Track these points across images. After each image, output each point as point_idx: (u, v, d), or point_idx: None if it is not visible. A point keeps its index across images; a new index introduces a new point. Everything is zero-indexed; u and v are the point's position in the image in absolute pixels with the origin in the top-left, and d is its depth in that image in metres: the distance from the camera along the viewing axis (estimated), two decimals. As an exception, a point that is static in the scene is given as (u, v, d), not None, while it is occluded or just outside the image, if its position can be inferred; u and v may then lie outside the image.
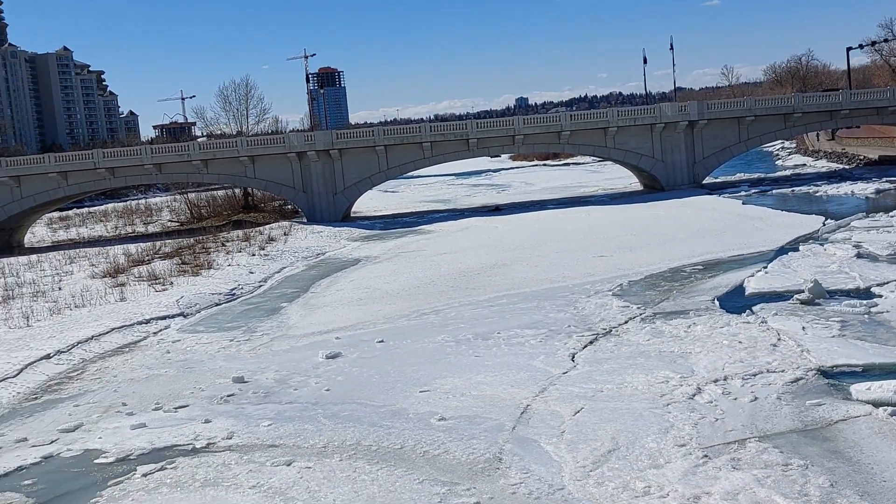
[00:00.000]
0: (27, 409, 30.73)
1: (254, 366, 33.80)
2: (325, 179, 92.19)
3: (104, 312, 46.43)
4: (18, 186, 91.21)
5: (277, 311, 46.00)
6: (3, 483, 23.44)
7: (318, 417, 26.43)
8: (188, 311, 46.99)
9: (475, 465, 21.69)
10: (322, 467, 22.28)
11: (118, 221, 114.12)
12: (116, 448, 25.19)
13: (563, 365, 29.99)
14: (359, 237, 78.26)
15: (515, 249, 59.60)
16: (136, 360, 36.89)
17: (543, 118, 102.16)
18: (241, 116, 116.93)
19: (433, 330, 37.26)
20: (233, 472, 22.52)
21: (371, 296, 47.50)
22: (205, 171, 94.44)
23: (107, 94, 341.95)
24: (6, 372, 34.86)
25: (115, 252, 70.00)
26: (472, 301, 42.95)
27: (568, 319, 36.86)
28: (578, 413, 24.77)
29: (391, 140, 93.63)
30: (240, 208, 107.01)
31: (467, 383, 28.61)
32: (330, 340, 37.15)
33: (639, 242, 57.40)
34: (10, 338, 41.46)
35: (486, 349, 33.09)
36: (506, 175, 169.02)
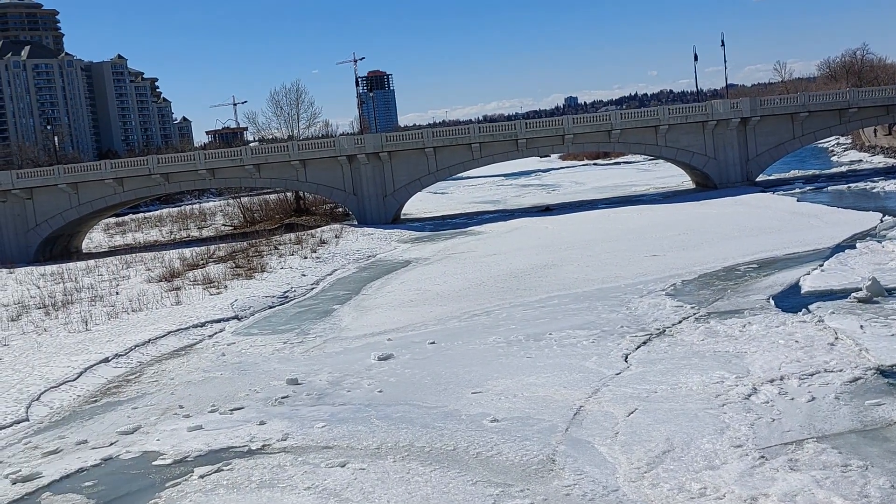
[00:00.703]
0: (87, 412, 31.34)
1: (307, 368, 34.09)
2: (374, 182, 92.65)
3: (160, 316, 47.18)
4: (76, 193, 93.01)
5: (330, 314, 46.35)
6: (64, 484, 23.92)
7: (371, 419, 26.57)
8: (242, 313, 47.56)
9: (528, 467, 21.64)
10: (376, 468, 22.40)
11: (173, 226, 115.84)
12: (174, 450, 25.57)
13: (616, 366, 29.78)
14: (409, 239, 78.52)
15: (566, 249, 59.33)
16: (192, 363, 37.42)
17: (593, 117, 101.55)
18: (293, 121, 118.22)
19: (484, 331, 37.25)
20: (288, 473, 22.73)
21: (422, 297, 47.63)
22: (257, 176, 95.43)
23: (160, 100, 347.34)
24: (66, 375, 35.60)
25: (171, 256, 71.08)
26: (524, 302, 42.85)
27: (620, 320, 36.60)
28: (632, 414, 24.59)
29: (440, 142, 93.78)
30: (292, 212, 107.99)
31: (519, 384, 28.55)
32: (382, 342, 37.33)
33: (691, 241, 56.79)
34: (70, 342, 42.32)
35: (537, 350, 32.99)
36: (556, 175, 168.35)
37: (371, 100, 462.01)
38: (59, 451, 26.80)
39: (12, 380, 35.30)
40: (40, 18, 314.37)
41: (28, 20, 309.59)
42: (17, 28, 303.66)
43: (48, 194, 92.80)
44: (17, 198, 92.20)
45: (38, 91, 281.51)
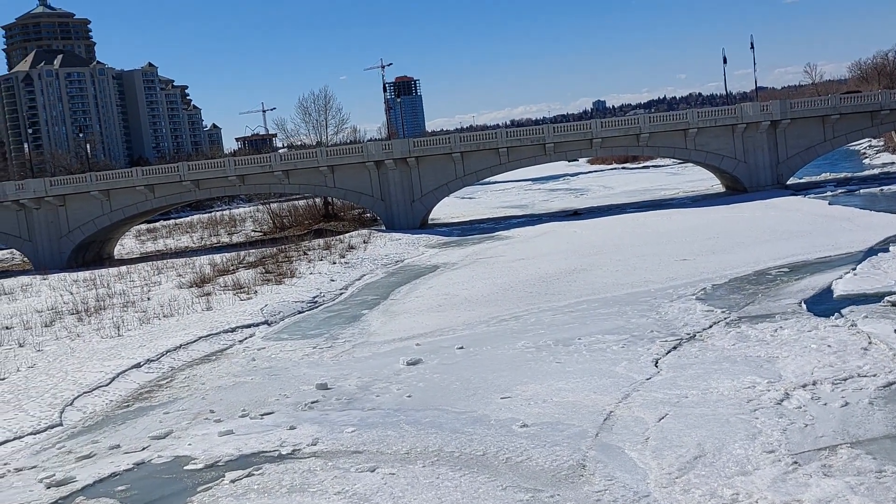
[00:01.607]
0: (119, 417, 31.64)
1: (336, 372, 34.20)
2: (402, 187, 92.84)
3: (191, 321, 47.54)
4: (108, 200, 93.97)
5: (358, 319, 46.49)
6: (97, 489, 24.16)
7: (400, 424, 26.62)
8: (272, 319, 47.81)
9: (558, 472, 21.58)
10: (405, 473, 22.43)
11: (203, 232, 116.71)
12: (205, 454, 25.74)
13: (647, 371, 29.64)
14: (437, 244, 78.59)
15: (595, 254, 59.12)
16: (223, 368, 37.67)
17: (621, 121, 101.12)
18: (321, 127, 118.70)
19: (513, 336, 37.20)
20: (318, 478, 22.82)
21: (450, 302, 47.65)
22: (286, 182, 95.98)
23: (191, 107, 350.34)
24: (99, 380, 35.95)
25: (201, 262, 71.63)
26: (552, 307, 42.74)
27: (650, 324, 36.42)
28: (663, 419, 24.45)
29: (467, 147, 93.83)
30: (320, 217, 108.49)
31: (549, 390, 28.48)
32: (410, 347, 37.40)
33: (722, 245, 56.41)
34: (103, 347, 42.74)
35: (567, 355, 32.90)
36: (584, 179, 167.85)
37: (398, 105, 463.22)
38: (92, 455, 27.07)
39: (46, 385, 35.70)
40: (72, 27, 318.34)
41: (60, 29, 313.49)
42: (49, 37, 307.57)
43: (81, 201, 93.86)
44: (51, 205, 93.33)
45: (70, 99, 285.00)
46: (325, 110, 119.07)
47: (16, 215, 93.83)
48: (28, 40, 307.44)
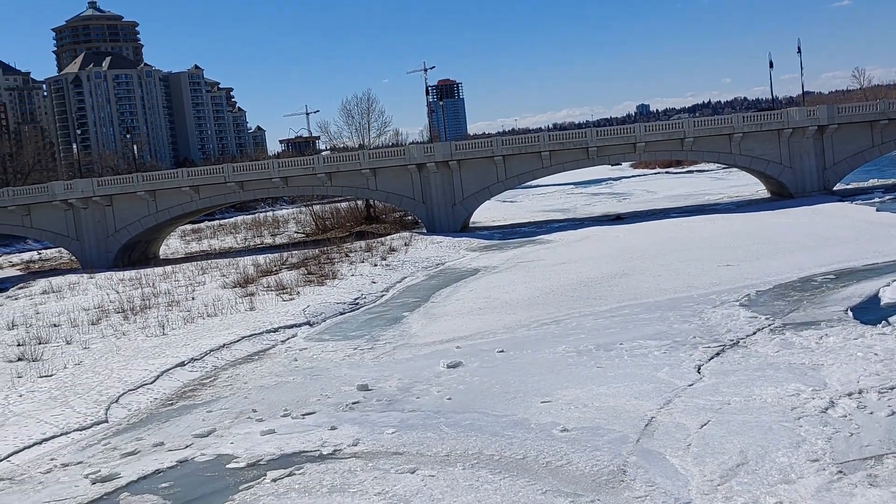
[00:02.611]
0: (164, 415, 32.05)
1: (377, 374, 34.36)
2: (444, 190, 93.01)
3: (234, 321, 48.02)
4: (154, 200, 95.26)
5: (399, 321, 46.65)
6: (141, 485, 24.48)
7: (440, 426, 26.67)
8: (314, 319, 48.15)
9: (599, 477, 21.49)
10: (445, 476, 22.46)
11: (247, 233, 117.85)
12: (247, 453, 25.98)
13: (689, 377, 29.41)
14: (478, 247, 78.59)
15: (638, 259, 58.77)
16: (265, 368, 38.01)
17: (665, 125, 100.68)
18: (363, 130, 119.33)
19: (554, 340, 37.10)
20: (358, 478, 22.94)
21: (490, 305, 47.64)
22: (329, 184, 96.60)
23: (235, 110, 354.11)
24: (144, 379, 36.46)
25: (245, 263, 72.31)
26: (594, 311, 42.57)
27: (693, 330, 36.13)
28: (705, 426, 24.24)
29: (509, 150, 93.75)
30: (362, 219, 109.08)
31: (589, 394, 28.37)
32: (451, 350, 37.45)
33: (766, 251, 55.79)
34: (148, 346, 43.32)
35: (608, 360, 32.74)
36: (627, 183, 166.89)
37: (441, 108, 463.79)
38: (136, 452, 27.44)
39: (92, 382, 36.27)
40: (121, 30, 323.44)
41: (109, 32, 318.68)
42: (98, 40, 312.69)
43: (127, 201, 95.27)
44: (98, 205, 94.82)
45: (118, 101, 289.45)
46: (368, 113, 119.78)
47: (64, 215, 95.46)
48: (77, 42, 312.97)
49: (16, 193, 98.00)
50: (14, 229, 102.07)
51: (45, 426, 30.49)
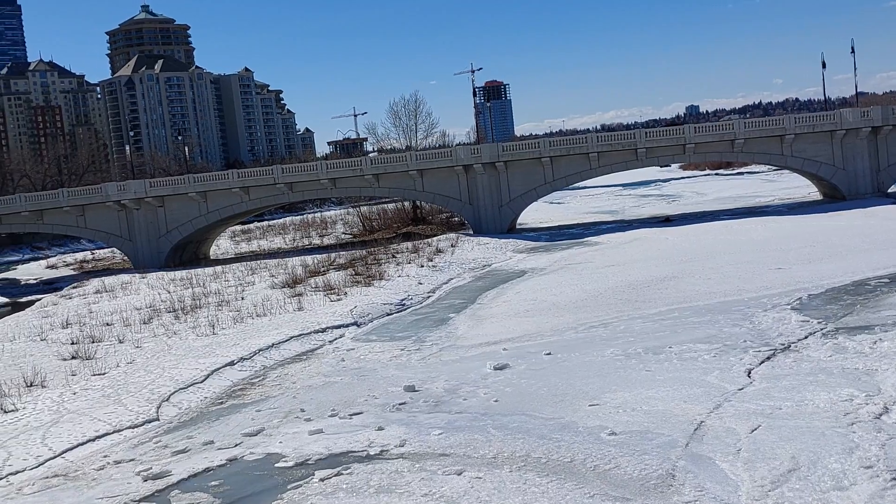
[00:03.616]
0: (213, 413, 32.43)
1: (424, 375, 34.43)
2: (490, 192, 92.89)
3: (283, 321, 48.44)
4: (205, 202, 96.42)
5: (446, 322, 46.70)
6: (192, 483, 24.79)
7: (487, 428, 26.64)
8: (361, 320, 48.40)
9: (647, 481, 21.32)
10: (492, 478, 22.44)
11: (295, 234, 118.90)
12: (296, 452, 26.19)
13: (739, 381, 29.05)
14: (525, 249, 78.38)
15: (687, 261, 58.17)
16: (313, 368, 38.28)
17: (715, 126, 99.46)
18: (410, 131, 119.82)
19: (602, 343, 36.88)
20: (405, 479, 23.00)
21: (538, 308, 47.48)
22: (376, 185, 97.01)
23: (285, 112, 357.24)
24: (194, 378, 36.93)
25: (293, 263, 72.89)
26: (642, 314, 42.23)
27: (743, 334, 35.69)
28: (755, 431, 23.94)
29: (557, 151, 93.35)
30: (409, 221, 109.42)
31: (638, 398, 28.16)
32: (497, 352, 37.40)
33: (818, 254, 54.90)
34: (198, 345, 43.87)
35: (657, 363, 32.47)
36: (676, 185, 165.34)
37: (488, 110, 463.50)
38: (187, 450, 27.79)
39: (144, 380, 36.83)
40: (173, 33, 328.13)
41: (161, 35, 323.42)
42: (151, 43, 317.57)
43: (179, 202, 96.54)
44: (150, 206, 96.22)
45: (169, 103, 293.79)
46: (415, 115, 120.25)
47: (117, 215, 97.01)
48: (130, 45, 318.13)
49: (71, 194, 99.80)
50: (69, 230, 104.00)
51: (99, 423, 31.02)
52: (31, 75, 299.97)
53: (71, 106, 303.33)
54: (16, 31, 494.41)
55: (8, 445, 28.99)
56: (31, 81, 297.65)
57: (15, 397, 35.04)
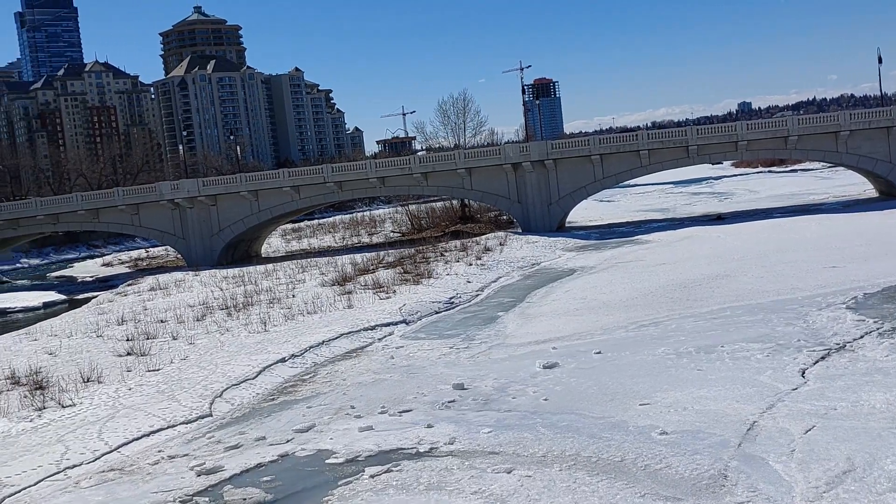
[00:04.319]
0: (265, 410, 32.79)
1: (473, 373, 34.46)
2: (539, 190, 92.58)
3: (333, 319, 48.79)
4: (256, 200, 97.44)
5: (494, 320, 46.67)
6: (244, 478, 25.10)
7: (536, 426, 26.61)
8: (410, 318, 48.57)
9: (699, 481, 21.13)
10: (542, 476, 22.40)
11: (345, 232, 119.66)
12: (346, 449, 26.39)
13: (793, 381, 28.66)
14: (574, 247, 78.01)
15: (739, 260, 57.46)
16: (363, 365, 38.52)
17: (768, 123, 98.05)
18: (459, 130, 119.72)
19: (652, 342, 36.60)
20: (455, 476, 23.06)
21: (587, 306, 47.25)
22: (424, 184, 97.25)
23: (334, 111, 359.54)
24: (246, 374, 37.37)
25: (343, 261, 73.37)
26: (694, 313, 41.82)
27: (797, 333, 35.17)
28: (810, 431, 23.60)
29: (607, 149, 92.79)
30: (457, 219, 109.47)
31: (689, 397, 27.91)
32: (547, 350, 37.29)
33: (875, 252, 53.88)
34: (250, 342, 44.38)
35: (708, 363, 32.14)
36: (728, 182, 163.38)
37: (536, 107, 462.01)
38: (239, 446, 28.13)
39: (198, 377, 37.35)
40: (224, 34, 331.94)
41: (213, 36, 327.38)
42: (203, 43, 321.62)
43: (231, 201, 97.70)
44: (203, 204, 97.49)
45: (221, 103, 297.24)
46: (464, 113, 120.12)
47: (171, 214, 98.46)
48: (183, 46, 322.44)
49: (125, 193, 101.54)
50: (124, 228, 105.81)
51: (153, 419, 31.54)
52: (87, 76, 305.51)
53: (125, 106, 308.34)
54: (72, 33, 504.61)
55: (66, 440, 29.61)
56: (87, 82, 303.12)
57: (73, 392, 35.77)
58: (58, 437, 29.90)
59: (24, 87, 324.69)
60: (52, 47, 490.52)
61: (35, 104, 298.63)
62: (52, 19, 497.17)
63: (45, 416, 32.72)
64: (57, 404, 34.07)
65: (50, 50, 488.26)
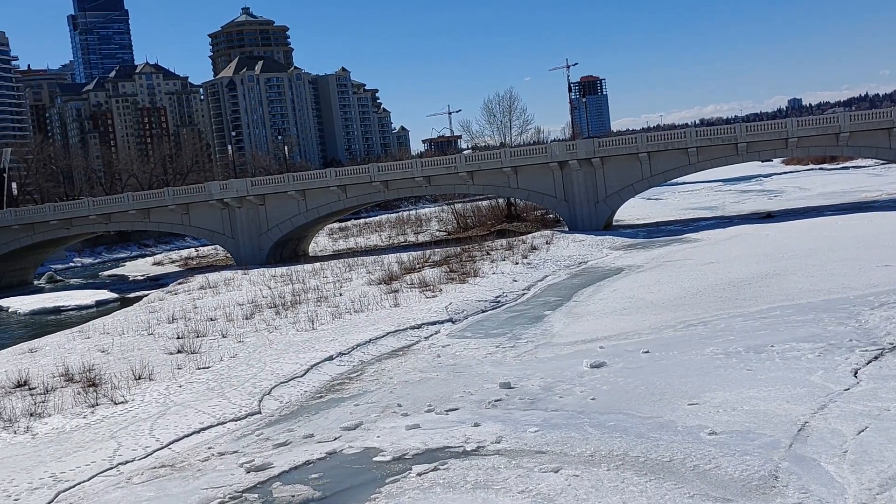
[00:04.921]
0: (313, 407, 33.06)
1: (519, 372, 34.41)
2: (586, 188, 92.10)
3: (380, 317, 49.03)
4: (304, 200, 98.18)
5: (541, 319, 46.55)
6: (292, 475, 25.31)
7: (584, 426, 26.50)
8: (456, 317, 48.63)
9: (748, 482, 20.91)
10: (589, 476, 22.31)
11: (391, 231, 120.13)
12: (393, 447, 26.50)
13: (845, 381, 28.21)
14: (621, 246, 77.51)
15: (790, 258, 56.67)
16: (410, 363, 38.66)
17: (819, 119, 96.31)
18: (505, 128, 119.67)
19: (701, 342, 36.25)
20: (502, 475, 23.05)
21: (635, 305, 46.93)
22: (470, 183, 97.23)
23: (380, 111, 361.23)
24: (295, 372, 37.71)
25: (389, 260, 73.67)
26: (743, 312, 41.33)
27: (849, 333, 34.61)
28: (863, 432, 23.22)
29: (654, 147, 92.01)
30: (503, 218, 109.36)
31: (739, 397, 27.61)
32: (594, 349, 37.11)
33: (930, 251, 52.80)
34: (298, 340, 44.76)
35: (758, 363, 31.76)
36: (778, 180, 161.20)
37: (583, 105, 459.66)
38: (287, 443, 28.37)
39: (247, 374, 37.76)
40: (272, 34, 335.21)
41: (261, 36, 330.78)
42: (251, 44, 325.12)
43: (279, 201, 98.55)
44: (252, 204, 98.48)
45: (269, 103, 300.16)
46: (510, 111, 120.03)
47: (220, 213, 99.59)
48: (232, 47, 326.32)
49: (175, 193, 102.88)
50: (174, 227, 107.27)
51: (203, 416, 31.95)
52: (138, 78, 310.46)
53: (175, 107, 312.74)
54: (123, 35, 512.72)
55: (118, 436, 30.12)
56: (138, 84, 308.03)
57: (125, 389, 36.38)
58: (110, 434, 30.43)
59: (77, 88, 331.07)
60: (104, 49, 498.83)
61: (87, 106, 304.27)
62: (103, 22, 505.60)
63: (98, 413, 33.32)
64: (109, 401, 34.68)
65: (101, 52, 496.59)
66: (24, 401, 36.08)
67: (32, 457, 28.63)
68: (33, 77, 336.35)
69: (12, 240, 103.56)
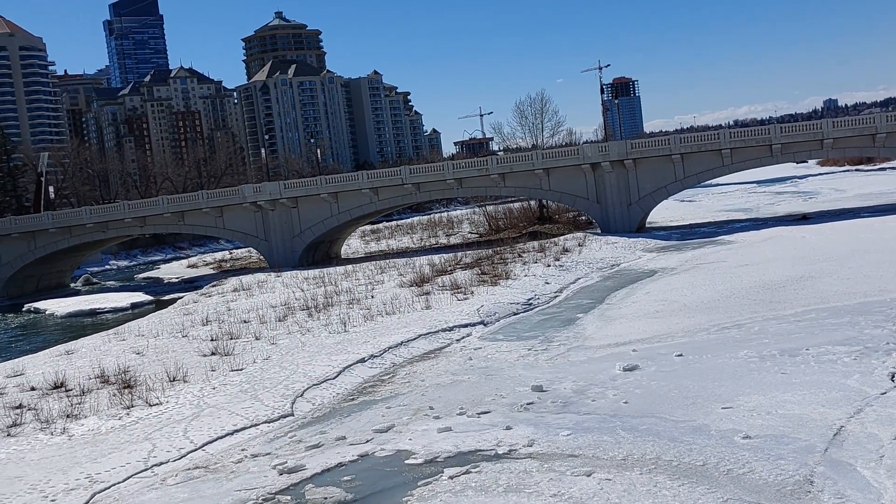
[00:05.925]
0: (345, 409, 33.19)
1: (551, 375, 34.32)
2: (619, 190, 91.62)
3: (411, 320, 49.11)
4: (336, 202, 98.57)
5: (573, 322, 46.39)
6: (325, 477, 25.42)
7: (616, 430, 26.37)
8: (488, 319, 48.60)
9: (783, 487, 20.70)
10: (622, 480, 22.21)
11: (423, 233, 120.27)
12: (425, 450, 26.53)
13: (882, 385, 27.86)
14: (654, 248, 77.05)
15: (825, 261, 56.05)
16: (441, 366, 38.68)
17: (855, 120, 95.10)
18: (537, 130, 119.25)
19: (735, 345, 35.95)
20: (534, 479, 23.00)
21: (668, 308, 46.63)
22: (502, 185, 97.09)
23: (412, 113, 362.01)
24: (327, 374, 37.88)
25: (421, 262, 73.78)
26: (777, 315, 40.93)
27: (886, 336, 34.16)
28: (900, 438, 22.91)
29: (687, 148, 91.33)
30: (535, 220, 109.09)
31: (773, 401, 27.35)
32: (626, 353, 36.93)
33: (970, 253, 51.97)
34: (330, 342, 44.96)
35: (793, 366, 31.45)
36: (813, 181, 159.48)
37: (616, 107, 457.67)
38: (320, 445, 28.50)
39: (279, 376, 37.99)
40: (305, 38, 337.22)
41: (294, 40, 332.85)
42: (284, 48, 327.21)
43: (311, 203, 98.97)
44: (285, 206, 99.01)
45: (302, 107, 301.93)
46: (542, 113, 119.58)
47: (253, 216, 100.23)
48: (265, 51, 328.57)
49: (209, 196, 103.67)
50: (208, 230, 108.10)
51: (237, 418, 32.19)
52: (173, 82, 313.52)
53: (209, 111, 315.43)
54: (158, 40, 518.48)
55: (153, 437, 30.42)
56: (173, 88, 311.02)
57: (159, 391, 36.74)
58: (145, 435, 30.74)
59: (113, 93, 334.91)
60: (139, 54, 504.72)
61: (123, 110, 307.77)
62: (138, 27, 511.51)
63: (134, 415, 33.68)
64: (144, 403, 35.04)
65: (137, 56, 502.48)
66: (60, 402, 36.56)
67: (69, 458, 29.00)
68: (70, 82, 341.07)
69: (49, 243, 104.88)
